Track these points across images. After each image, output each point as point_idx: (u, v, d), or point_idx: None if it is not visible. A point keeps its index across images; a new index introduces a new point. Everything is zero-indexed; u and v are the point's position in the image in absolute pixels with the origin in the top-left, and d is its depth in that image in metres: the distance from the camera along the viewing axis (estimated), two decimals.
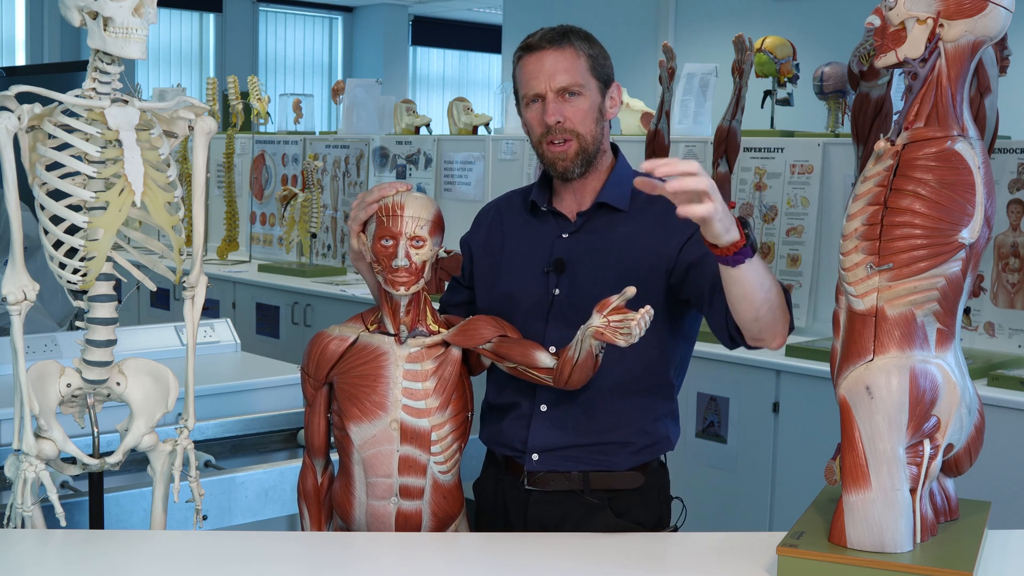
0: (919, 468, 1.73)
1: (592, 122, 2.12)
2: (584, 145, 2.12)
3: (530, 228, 2.22)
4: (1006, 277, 3.54)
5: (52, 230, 1.98)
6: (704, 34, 8.98)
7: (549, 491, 2.15)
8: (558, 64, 2.11)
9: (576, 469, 2.14)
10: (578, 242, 2.16)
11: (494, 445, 2.23)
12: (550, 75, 2.10)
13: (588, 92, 2.12)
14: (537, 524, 2.15)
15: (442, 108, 6.41)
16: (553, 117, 2.10)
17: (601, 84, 2.14)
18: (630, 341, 1.85)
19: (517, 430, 2.16)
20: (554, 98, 2.10)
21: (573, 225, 2.18)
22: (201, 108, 2.11)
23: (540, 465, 2.15)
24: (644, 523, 2.16)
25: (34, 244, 2.08)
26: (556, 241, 2.17)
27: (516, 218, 2.26)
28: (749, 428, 3.68)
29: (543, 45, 2.12)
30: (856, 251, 1.73)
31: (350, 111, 6.02)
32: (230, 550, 1.94)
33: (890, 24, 1.73)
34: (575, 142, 2.11)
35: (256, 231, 6.39)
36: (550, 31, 2.14)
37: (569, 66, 2.11)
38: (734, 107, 3.93)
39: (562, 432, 2.13)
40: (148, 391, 2.11)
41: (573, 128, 2.11)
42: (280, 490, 2.59)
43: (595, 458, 2.14)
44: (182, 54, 13.29)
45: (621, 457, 2.15)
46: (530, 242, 2.20)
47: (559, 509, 2.15)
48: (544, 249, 2.18)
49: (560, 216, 2.20)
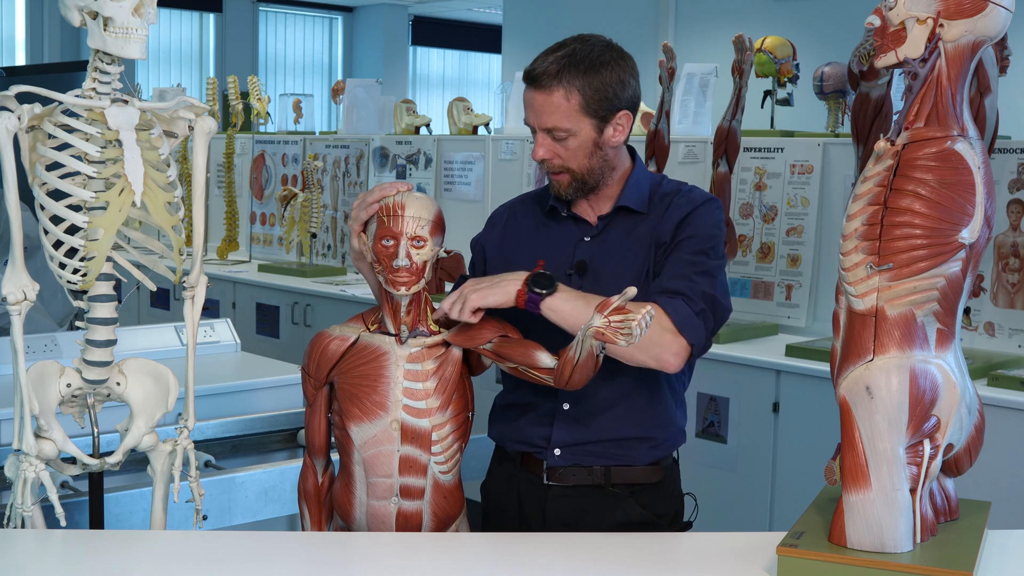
0: (919, 468, 1.73)
1: (584, 157, 2.11)
2: (576, 177, 2.12)
3: (549, 231, 2.22)
4: (1006, 277, 3.54)
5: (52, 230, 1.98)
6: (704, 34, 8.98)
7: (570, 486, 2.16)
8: (545, 106, 2.08)
9: (598, 464, 2.16)
10: (599, 245, 2.17)
11: (510, 442, 2.23)
12: (537, 114, 2.10)
13: (578, 132, 2.09)
14: (556, 519, 2.16)
15: (442, 108, 6.41)
16: (539, 155, 2.11)
17: (597, 120, 2.09)
18: (631, 342, 1.85)
19: (539, 427, 2.18)
20: (542, 136, 2.10)
21: (595, 229, 2.19)
22: (201, 108, 2.11)
23: (562, 460, 2.16)
24: (664, 515, 2.19)
25: (34, 244, 2.08)
26: (578, 244, 2.18)
27: (532, 221, 2.26)
28: (749, 428, 3.68)
29: (533, 83, 2.08)
30: (856, 251, 1.73)
31: (350, 111, 6.02)
32: (230, 550, 1.94)
33: (890, 24, 1.73)
34: (567, 175, 2.13)
35: (256, 231, 6.39)
36: (550, 63, 2.07)
37: (555, 110, 2.07)
38: (734, 107, 3.93)
39: (586, 428, 2.15)
40: (148, 391, 2.11)
41: (563, 164, 2.12)
42: (280, 490, 2.59)
43: (616, 452, 2.16)
44: (182, 54, 13.30)
45: (641, 452, 2.17)
46: (550, 245, 2.20)
47: (579, 504, 2.16)
48: (565, 252, 2.18)
49: (580, 220, 2.20)
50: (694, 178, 4.28)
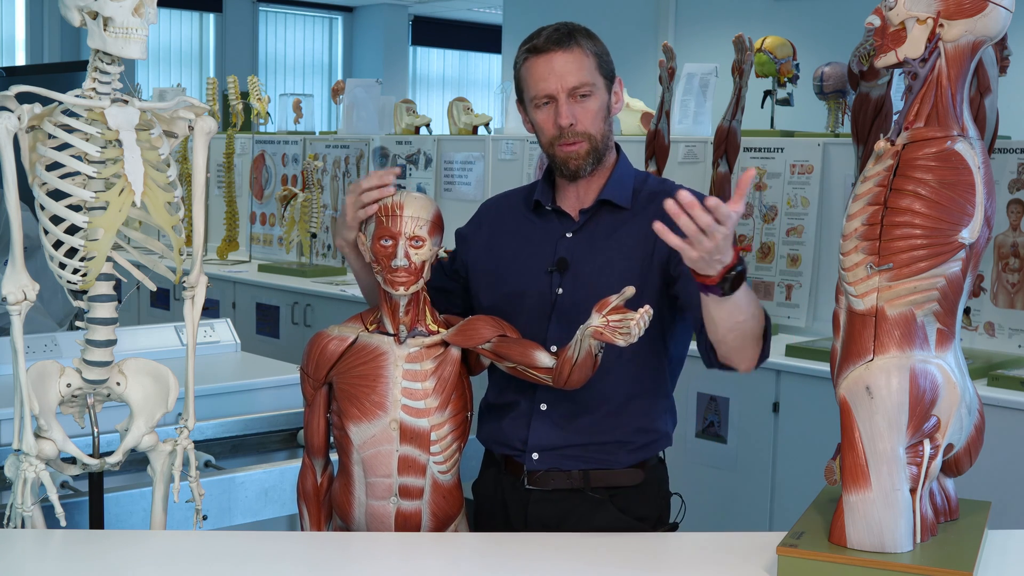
0: (919, 468, 1.73)
1: (601, 121, 2.14)
2: (595, 144, 2.13)
3: (533, 227, 2.22)
4: (1006, 277, 3.54)
5: (52, 230, 1.98)
6: (704, 34, 8.98)
7: (549, 490, 2.16)
8: (568, 65, 2.10)
9: (576, 468, 2.14)
10: (581, 241, 2.16)
11: (493, 444, 2.23)
12: (561, 76, 2.10)
13: (597, 91, 2.12)
14: (538, 523, 2.15)
15: (442, 108, 6.40)
16: (566, 119, 2.10)
17: (607, 81, 2.15)
18: (629, 341, 1.85)
19: (517, 429, 2.17)
20: (566, 100, 2.10)
21: (576, 224, 2.18)
22: (201, 108, 2.11)
23: (540, 464, 2.15)
24: (646, 519, 2.17)
25: (34, 244, 2.07)
26: (560, 241, 2.18)
27: (518, 216, 2.26)
28: (749, 428, 3.68)
29: (551, 47, 2.11)
30: (856, 251, 1.73)
31: (350, 111, 6.02)
32: (230, 550, 1.94)
33: (890, 24, 1.73)
34: (586, 143, 2.12)
35: (256, 231, 6.39)
36: (554, 32, 2.13)
37: (579, 67, 2.10)
38: (734, 107, 3.93)
39: (562, 431, 2.14)
40: (148, 391, 2.11)
41: (585, 130, 2.12)
42: (280, 490, 2.59)
43: (595, 456, 2.14)
44: (182, 54, 13.29)
45: (621, 455, 2.15)
46: (534, 241, 2.20)
47: (560, 507, 2.15)
48: (547, 248, 2.18)
49: (563, 215, 2.20)
50: (694, 178, 4.29)
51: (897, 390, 1.69)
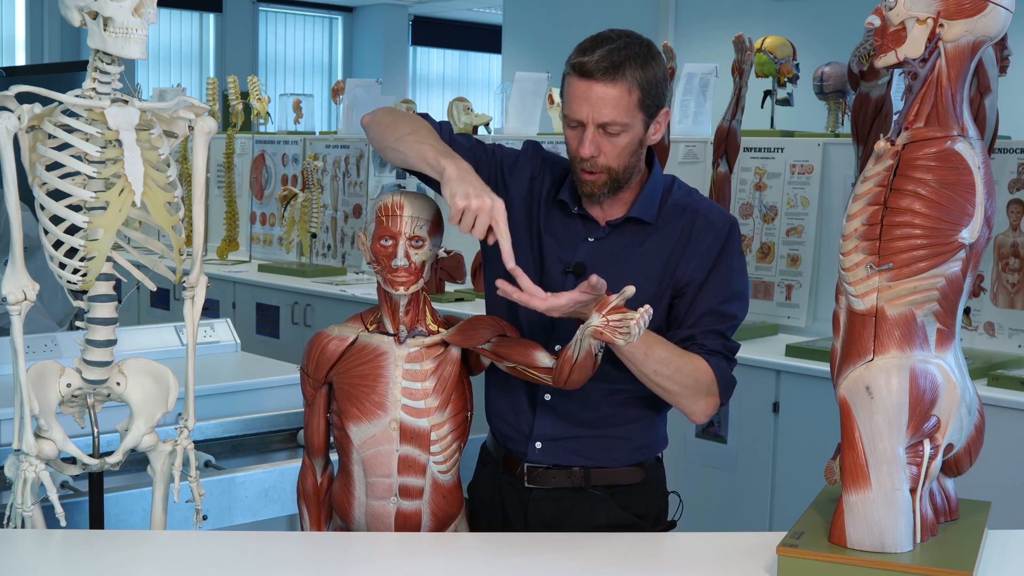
0: (919, 468, 1.73)
1: (628, 155, 2.05)
2: (614, 176, 2.06)
3: (559, 223, 2.16)
4: (1006, 277, 3.54)
5: (52, 230, 1.98)
6: (704, 34, 8.98)
7: (550, 488, 2.16)
8: (605, 99, 1.99)
9: (577, 464, 2.14)
10: (602, 249, 2.12)
11: (498, 423, 2.22)
12: (595, 107, 2.00)
13: (631, 129, 2.03)
14: (539, 522, 2.15)
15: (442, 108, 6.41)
16: (588, 152, 2.02)
17: (647, 117, 2.04)
18: (629, 341, 1.85)
19: (523, 416, 2.17)
20: (594, 132, 2.02)
21: (601, 231, 2.13)
22: (201, 108, 2.11)
23: (542, 456, 2.15)
24: (646, 516, 2.18)
25: (34, 244, 2.07)
26: (581, 244, 2.13)
27: (545, 199, 2.19)
28: (749, 428, 3.68)
29: (596, 75, 1.99)
30: (856, 251, 1.73)
31: (350, 111, 6.01)
32: (230, 550, 1.94)
33: (890, 24, 1.73)
34: (605, 175, 2.05)
35: (256, 231, 6.39)
36: (606, 56, 1.99)
37: (615, 104, 2.00)
38: (734, 107, 3.93)
39: (566, 422, 2.14)
40: (148, 391, 2.11)
41: (607, 164, 2.04)
42: (280, 490, 2.59)
43: (596, 452, 2.15)
44: (182, 54, 13.30)
45: (621, 452, 2.16)
46: (556, 237, 2.15)
47: (561, 506, 2.15)
48: (568, 249, 2.13)
49: (588, 218, 2.14)
50: (694, 178, 4.28)
51: (897, 390, 1.69)
